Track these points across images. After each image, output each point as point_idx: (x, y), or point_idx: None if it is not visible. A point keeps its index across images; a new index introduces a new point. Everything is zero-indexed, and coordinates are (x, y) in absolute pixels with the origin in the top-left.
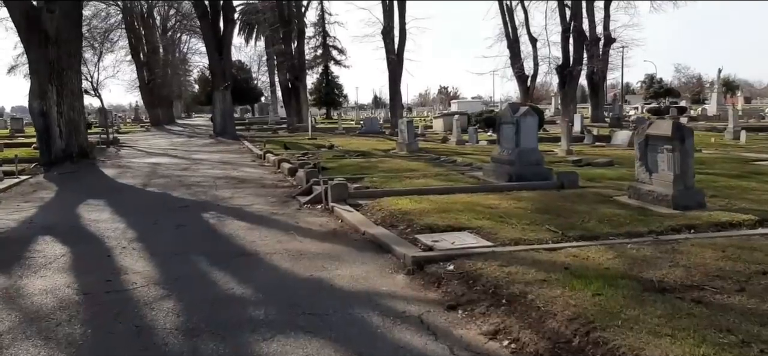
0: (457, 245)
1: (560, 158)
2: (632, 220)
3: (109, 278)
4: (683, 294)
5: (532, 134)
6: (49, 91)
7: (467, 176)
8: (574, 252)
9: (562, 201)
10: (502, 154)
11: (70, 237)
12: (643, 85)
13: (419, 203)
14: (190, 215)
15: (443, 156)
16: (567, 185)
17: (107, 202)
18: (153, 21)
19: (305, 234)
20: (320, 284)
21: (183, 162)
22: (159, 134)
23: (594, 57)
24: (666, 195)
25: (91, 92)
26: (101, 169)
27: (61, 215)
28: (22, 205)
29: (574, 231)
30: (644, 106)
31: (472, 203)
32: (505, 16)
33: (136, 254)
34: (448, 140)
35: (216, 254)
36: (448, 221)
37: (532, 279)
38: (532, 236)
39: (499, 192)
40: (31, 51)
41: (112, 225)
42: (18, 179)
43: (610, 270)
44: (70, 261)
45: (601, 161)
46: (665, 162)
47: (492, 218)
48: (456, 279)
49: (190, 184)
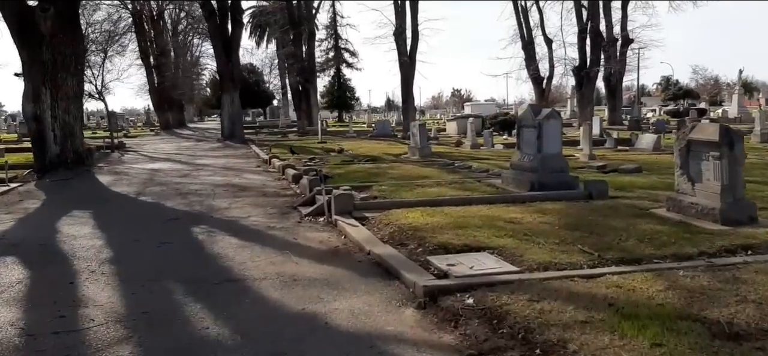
0: (476, 271)
1: (582, 164)
2: (677, 238)
3: (64, 313)
4: (764, 342)
5: (556, 138)
6: (42, 94)
7: (484, 184)
8: (616, 281)
9: (593, 215)
10: (522, 160)
11: (36, 258)
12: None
13: (432, 217)
14: (179, 229)
15: (458, 161)
16: (596, 195)
17: (93, 214)
18: (163, 23)
19: (302, 253)
20: (313, 322)
21: (184, 168)
22: (167, 138)
23: (611, 58)
24: (712, 208)
25: (95, 95)
26: (96, 176)
27: (37, 229)
28: (2, 217)
29: (612, 253)
30: (662, 108)
31: (491, 217)
32: (520, 17)
33: (104, 281)
34: (462, 143)
35: (197, 280)
36: (465, 238)
37: (571, 319)
38: (563, 259)
39: (521, 203)
40: (24, 51)
41: (88, 242)
42: (6, 188)
43: (665, 308)
44: (25, 290)
45: (628, 168)
46: (711, 171)
47: (515, 235)
48: (477, 317)
49: (187, 192)
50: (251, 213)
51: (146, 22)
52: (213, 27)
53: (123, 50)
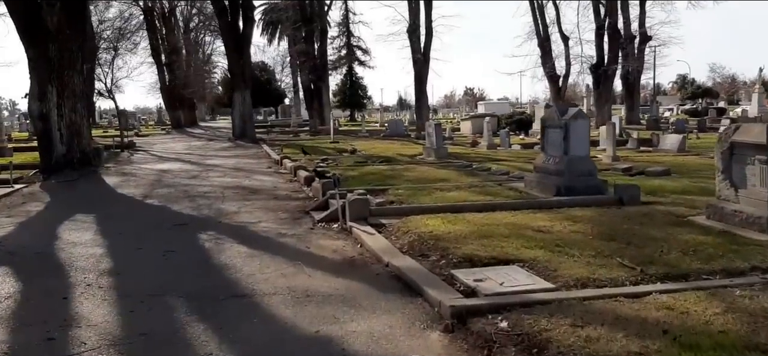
0: (507, 288)
1: (606, 166)
2: (723, 250)
3: (54, 334)
4: None
5: (584, 139)
6: (48, 92)
7: (506, 187)
8: (665, 302)
9: (627, 223)
10: (547, 162)
11: (31, 268)
12: (674, 85)
13: (454, 224)
14: (185, 236)
15: (475, 163)
16: (627, 201)
17: (96, 218)
18: (175, 21)
19: (316, 264)
20: (328, 347)
21: (194, 169)
22: (178, 137)
23: (629, 56)
24: (758, 217)
25: (105, 93)
26: (103, 177)
27: (36, 235)
28: (2, 221)
29: (655, 267)
30: (679, 107)
31: (517, 225)
32: (536, 14)
33: (101, 296)
34: (478, 143)
35: (202, 295)
36: (492, 250)
37: (623, 350)
38: (602, 275)
39: (548, 209)
40: (31, 48)
41: (88, 251)
42: (10, 189)
43: (728, 336)
44: (14, 306)
45: (656, 170)
46: (757, 176)
47: (546, 246)
48: (513, 344)
49: (195, 195)
50: (261, 218)
51: (158, 19)
52: (224, 24)
53: (134, 48)
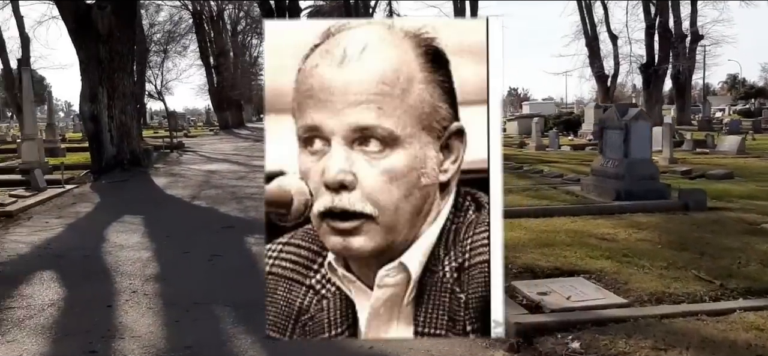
0: (575, 303)
1: (664, 168)
2: None
3: (95, 346)
4: None
5: (645, 141)
6: (99, 93)
7: (561, 191)
8: (753, 321)
9: (697, 231)
10: (606, 165)
11: (76, 273)
12: (724, 85)
13: (510, 230)
14: (232, 239)
15: (526, 164)
16: (692, 206)
17: (144, 220)
18: (222, 24)
19: None
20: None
21: (241, 170)
22: (226, 138)
23: (680, 55)
24: None
25: (155, 95)
26: (152, 178)
27: (85, 237)
28: (52, 222)
29: (735, 281)
30: (730, 107)
31: (579, 232)
32: (584, 13)
33: (146, 304)
34: (526, 144)
35: (249, 303)
36: (554, 259)
37: None
38: (678, 288)
39: (609, 215)
40: (82, 51)
41: (134, 254)
42: (62, 189)
43: None
44: (56, 315)
45: (717, 173)
46: None
47: (612, 255)
48: None
49: (243, 196)
50: None
51: (206, 22)
52: None
53: (184, 51)
